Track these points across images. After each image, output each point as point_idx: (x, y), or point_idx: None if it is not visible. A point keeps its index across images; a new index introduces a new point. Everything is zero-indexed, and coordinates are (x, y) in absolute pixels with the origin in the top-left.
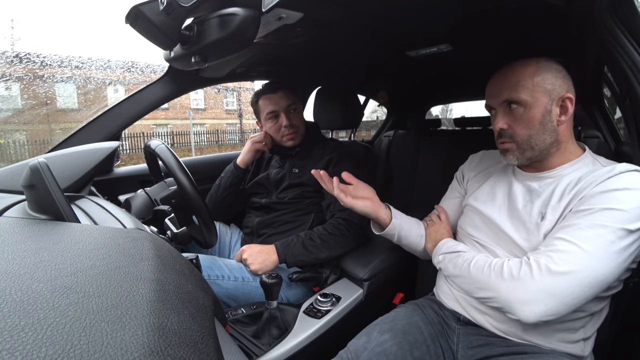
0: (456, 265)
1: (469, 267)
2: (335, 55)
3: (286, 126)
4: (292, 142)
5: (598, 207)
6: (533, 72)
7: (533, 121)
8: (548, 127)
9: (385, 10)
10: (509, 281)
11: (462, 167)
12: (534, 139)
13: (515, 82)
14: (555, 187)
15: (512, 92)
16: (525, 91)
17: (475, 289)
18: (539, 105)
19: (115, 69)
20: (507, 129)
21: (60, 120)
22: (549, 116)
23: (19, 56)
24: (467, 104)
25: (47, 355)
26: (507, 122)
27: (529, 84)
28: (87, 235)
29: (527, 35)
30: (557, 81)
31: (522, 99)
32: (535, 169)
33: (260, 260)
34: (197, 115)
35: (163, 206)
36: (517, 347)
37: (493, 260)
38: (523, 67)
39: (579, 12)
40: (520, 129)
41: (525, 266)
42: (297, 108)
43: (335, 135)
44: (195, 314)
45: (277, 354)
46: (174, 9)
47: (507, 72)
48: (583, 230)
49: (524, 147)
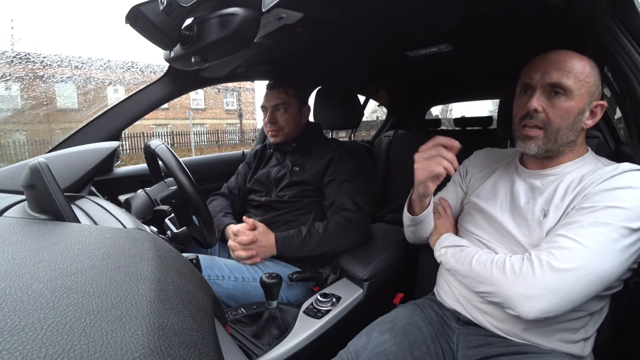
0: (458, 260)
1: (471, 261)
2: (335, 55)
3: (267, 123)
4: (273, 139)
5: (601, 205)
6: (588, 68)
7: (569, 114)
8: (577, 126)
9: (385, 11)
10: (511, 277)
11: (466, 162)
12: (562, 132)
13: (569, 69)
14: (558, 185)
15: (563, 76)
16: (575, 81)
17: (476, 283)
18: (580, 100)
19: (115, 69)
20: (541, 112)
21: (60, 120)
22: (581, 115)
23: (19, 56)
24: (467, 104)
25: (47, 355)
26: (543, 104)
27: (581, 77)
28: (87, 235)
29: (527, 35)
30: (599, 86)
31: (571, 87)
32: (539, 165)
33: (262, 251)
34: (197, 115)
35: (163, 206)
36: (517, 347)
37: (495, 256)
38: (579, 58)
39: (578, 12)
40: (556, 117)
41: (527, 262)
42: (287, 109)
43: (335, 135)
44: (195, 314)
45: (277, 354)
46: (174, 9)
47: (561, 56)
48: (585, 227)
49: (549, 138)
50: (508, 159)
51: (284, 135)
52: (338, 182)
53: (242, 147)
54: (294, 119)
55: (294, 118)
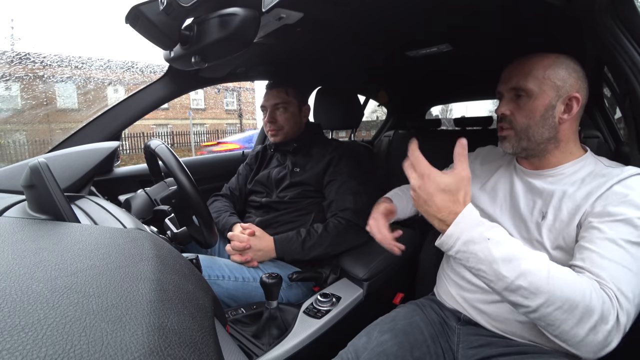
0: (533, 262)
1: (548, 273)
2: (334, 55)
3: (267, 122)
4: (273, 138)
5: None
6: (547, 65)
7: (534, 112)
8: (548, 122)
9: (385, 11)
10: (597, 322)
11: (469, 157)
12: (531, 130)
13: (527, 71)
14: (556, 187)
15: (521, 79)
16: (533, 81)
17: (545, 303)
18: (544, 98)
19: (115, 69)
20: (508, 115)
21: (60, 120)
22: (551, 111)
23: (19, 56)
24: (467, 104)
25: (47, 355)
26: (509, 108)
27: (540, 75)
28: (87, 235)
29: (527, 35)
30: (569, 79)
31: (529, 88)
32: (535, 166)
33: (258, 256)
34: (197, 115)
35: (163, 206)
36: (518, 347)
37: (578, 280)
38: (539, 58)
39: (578, 11)
40: (521, 117)
41: (612, 310)
42: (287, 108)
43: (335, 135)
44: (195, 314)
45: (277, 354)
46: (174, 9)
47: (522, 61)
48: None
49: (520, 136)
50: (509, 157)
51: (283, 135)
52: (338, 183)
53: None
54: (294, 118)
55: (293, 117)
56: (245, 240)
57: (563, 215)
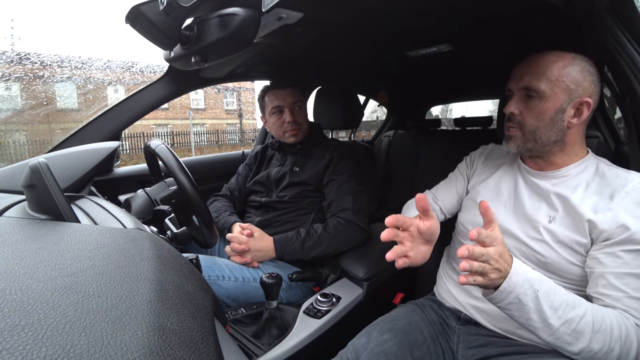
0: (577, 309)
1: (592, 325)
2: (335, 55)
3: (289, 122)
4: (294, 138)
5: None
6: (562, 66)
7: (544, 114)
8: (557, 125)
9: (385, 11)
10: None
11: (473, 154)
12: (539, 132)
13: (540, 71)
14: (561, 189)
15: (533, 79)
16: (546, 82)
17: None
18: (555, 100)
19: (115, 69)
20: (517, 115)
21: (60, 120)
22: (561, 114)
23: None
24: (467, 104)
25: (47, 355)
26: (519, 108)
27: (553, 77)
28: (87, 235)
29: (527, 35)
30: (583, 82)
31: (541, 89)
32: (540, 167)
33: (258, 256)
34: (197, 115)
35: (163, 206)
36: (518, 347)
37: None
38: (555, 58)
39: (578, 12)
40: (530, 118)
41: None
42: (301, 106)
43: (335, 135)
44: (195, 314)
45: (277, 354)
46: (174, 9)
47: (537, 59)
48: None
49: (527, 137)
50: (513, 155)
51: (302, 134)
52: (337, 183)
53: (242, 147)
54: (307, 117)
55: (306, 116)
56: (245, 241)
57: (568, 219)
